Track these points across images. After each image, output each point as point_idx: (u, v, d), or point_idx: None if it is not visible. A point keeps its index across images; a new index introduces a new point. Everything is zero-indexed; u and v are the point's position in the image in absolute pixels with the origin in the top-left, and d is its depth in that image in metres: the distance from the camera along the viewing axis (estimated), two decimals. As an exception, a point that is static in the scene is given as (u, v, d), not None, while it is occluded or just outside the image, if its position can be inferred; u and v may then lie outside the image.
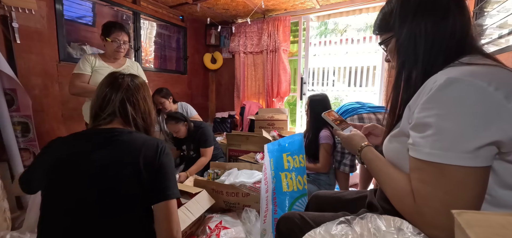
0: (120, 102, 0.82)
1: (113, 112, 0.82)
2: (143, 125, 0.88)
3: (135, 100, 0.85)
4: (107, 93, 0.83)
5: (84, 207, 0.70)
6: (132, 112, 0.84)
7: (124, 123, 0.83)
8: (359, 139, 0.80)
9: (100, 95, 0.83)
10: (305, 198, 1.31)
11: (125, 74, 0.88)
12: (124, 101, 0.83)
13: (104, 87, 0.84)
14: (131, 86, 0.86)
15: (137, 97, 0.86)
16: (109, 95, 0.82)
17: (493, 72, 0.49)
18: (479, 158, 0.46)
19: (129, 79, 0.88)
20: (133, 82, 0.88)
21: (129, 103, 0.83)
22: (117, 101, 0.82)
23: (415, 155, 0.53)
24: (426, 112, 0.51)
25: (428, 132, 0.50)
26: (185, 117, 2.15)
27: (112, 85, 0.84)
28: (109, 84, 0.84)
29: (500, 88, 0.45)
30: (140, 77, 0.92)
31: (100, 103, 0.83)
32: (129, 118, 0.83)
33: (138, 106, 0.86)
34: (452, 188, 0.47)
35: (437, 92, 0.49)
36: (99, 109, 0.83)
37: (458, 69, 0.52)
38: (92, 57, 1.72)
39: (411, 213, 0.54)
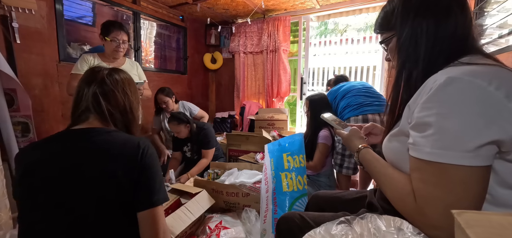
0: (93, 96, 0.74)
1: (86, 108, 0.74)
2: (123, 121, 0.79)
3: (110, 93, 0.76)
4: (81, 88, 0.75)
5: (59, 217, 0.63)
6: (108, 107, 0.75)
7: (101, 119, 0.75)
8: (356, 139, 0.80)
9: (76, 92, 0.76)
10: (305, 198, 1.31)
11: (103, 68, 0.80)
12: (97, 95, 0.74)
13: (80, 83, 0.77)
14: (107, 79, 0.77)
15: (114, 91, 0.77)
16: (82, 90, 0.75)
17: (493, 72, 0.49)
18: (480, 157, 0.45)
19: (107, 72, 0.79)
20: (111, 76, 0.79)
21: (103, 97, 0.74)
22: (89, 95, 0.74)
23: (415, 155, 0.53)
24: (426, 111, 0.51)
25: (429, 132, 0.50)
26: (188, 119, 2.14)
27: (87, 79, 0.76)
28: (84, 78, 0.77)
29: (501, 87, 0.46)
30: (125, 72, 0.85)
31: (75, 100, 0.76)
32: (105, 114, 0.74)
33: (116, 100, 0.77)
34: (453, 187, 0.47)
35: (437, 91, 0.49)
36: (75, 107, 0.75)
37: (459, 68, 0.52)
38: (90, 57, 1.71)
39: (412, 213, 0.53)
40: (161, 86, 2.59)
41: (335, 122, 0.95)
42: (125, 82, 0.81)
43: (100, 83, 0.76)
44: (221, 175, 1.91)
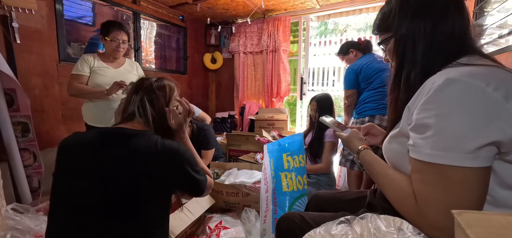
0: (140, 102, 0.81)
1: (132, 112, 0.81)
2: (164, 127, 0.84)
3: (156, 100, 0.83)
4: (131, 94, 0.84)
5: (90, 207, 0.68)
6: (152, 112, 0.81)
7: (144, 123, 0.81)
8: (356, 141, 0.80)
9: (125, 100, 0.85)
10: (305, 198, 1.31)
11: (151, 78, 0.89)
12: (144, 101, 0.81)
13: (131, 89, 0.86)
14: (154, 85, 0.85)
15: (158, 97, 0.84)
16: (131, 95, 0.83)
17: (491, 73, 0.49)
18: (480, 158, 0.46)
19: (154, 79, 0.87)
20: (158, 82, 0.87)
21: (149, 103, 0.81)
22: (137, 100, 0.81)
23: (415, 156, 0.53)
24: (425, 113, 0.51)
25: (428, 133, 0.50)
26: (190, 120, 2.13)
27: (136, 87, 0.85)
28: (134, 86, 0.86)
29: (499, 88, 0.46)
30: (170, 80, 0.92)
31: (124, 104, 0.84)
32: (149, 118, 0.80)
33: (158, 105, 0.83)
34: (454, 188, 0.47)
35: (436, 93, 0.50)
36: (123, 110, 0.83)
37: (457, 70, 0.52)
38: (90, 58, 1.71)
39: (412, 214, 0.54)
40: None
41: (335, 124, 0.96)
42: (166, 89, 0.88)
43: (147, 90, 0.84)
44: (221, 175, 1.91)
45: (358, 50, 2.04)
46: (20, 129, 1.82)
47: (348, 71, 1.96)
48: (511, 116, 0.45)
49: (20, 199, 1.77)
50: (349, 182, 2.01)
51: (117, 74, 1.74)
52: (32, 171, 1.88)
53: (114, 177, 0.69)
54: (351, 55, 2.06)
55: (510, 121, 0.45)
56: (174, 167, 0.73)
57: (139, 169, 0.70)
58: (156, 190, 0.72)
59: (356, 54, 2.04)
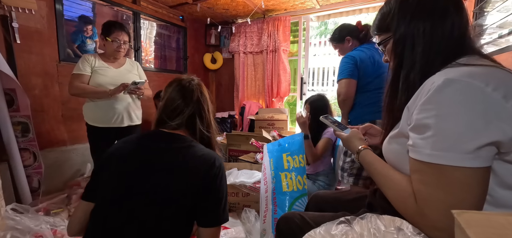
0: (190, 116, 0.83)
1: (181, 123, 0.82)
2: (207, 136, 0.87)
3: (203, 113, 0.85)
4: (179, 105, 0.83)
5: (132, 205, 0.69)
6: (200, 126, 0.84)
7: (190, 133, 0.83)
8: (356, 141, 0.80)
9: (170, 105, 0.83)
10: (305, 198, 1.31)
11: (193, 83, 0.87)
12: (194, 116, 0.83)
13: (175, 96, 0.84)
14: (201, 99, 0.86)
15: (206, 110, 0.86)
16: (180, 107, 0.82)
17: (491, 73, 0.49)
18: (480, 159, 0.46)
19: (199, 91, 0.87)
20: (202, 94, 0.87)
21: (199, 117, 0.84)
22: (186, 114, 0.82)
23: (415, 157, 0.53)
24: (425, 113, 0.51)
25: (428, 133, 0.50)
26: None
27: (184, 97, 0.84)
28: (180, 95, 0.84)
29: (498, 88, 0.46)
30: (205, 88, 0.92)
31: (169, 113, 0.83)
32: (196, 131, 0.83)
33: (205, 119, 0.86)
34: (454, 189, 0.47)
35: (436, 93, 0.50)
36: (166, 118, 0.82)
37: (456, 70, 0.52)
38: (91, 57, 1.71)
39: (412, 214, 0.54)
40: (158, 90, 2.66)
41: (334, 124, 0.96)
42: (208, 100, 0.90)
43: (196, 104, 0.84)
44: (221, 175, 1.90)
45: (355, 39, 1.69)
46: (20, 129, 1.83)
47: (345, 59, 1.59)
48: (510, 116, 0.45)
49: (20, 199, 1.77)
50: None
51: (118, 74, 1.75)
52: (32, 171, 1.88)
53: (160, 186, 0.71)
54: (346, 45, 1.71)
55: (510, 120, 0.45)
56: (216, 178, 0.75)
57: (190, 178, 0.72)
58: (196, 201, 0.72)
59: (352, 43, 1.69)
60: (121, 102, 1.75)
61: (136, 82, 1.68)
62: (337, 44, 1.76)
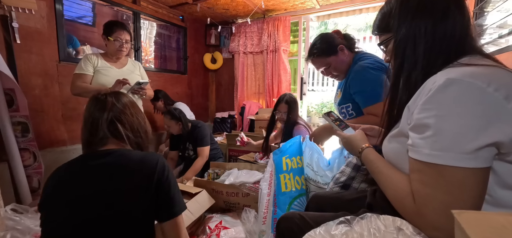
0: (109, 123, 0.78)
1: (104, 135, 0.78)
2: (138, 141, 0.84)
3: (123, 118, 0.81)
4: (94, 117, 0.78)
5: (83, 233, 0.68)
6: (125, 131, 0.80)
7: (118, 142, 0.80)
8: (360, 140, 0.80)
9: (87, 122, 0.79)
10: (304, 197, 1.32)
11: (107, 94, 0.84)
12: (113, 121, 0.79)
13: (89, 112, 0.80)
14: (117, 105, 0.82)
15: (125, 114, 0.82)
16: (95, 119, 0.78)
17: (492, 73, 0.48)
18: (479, 159, 0.45)
19: (113, 98, 0.83)
20: (119, 100, 0.83)
21: (119, 122, 0.80)
22: (104, 123, 0.78)
23: (414, 156, 0.53)
24: (425, 113, 0.51)
25: (428, 133, 0.50)
26: (180, 118, 2.16)
27: (96, 108, 0.80)
28: (93, 107, 0.80)
29: (500, 89, 0.45)
30: (126, 95, 0.89)
31: (89, 130, 0.78)
32: (123, 136, 0.80)
33: (128, 123, 0.82)
34: (452, 189, 0.47)
35: (437, 93, 0.49)
36: (89, 136, 0.78)
37: (458, 70, 0.51)
38: (94, 57, 1.71)
39: (411, 214, 0.54)
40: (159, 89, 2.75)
41: (336, 123, 0.93)
42: (132, 106, 0.86)
43: (113, 110, 0.80)
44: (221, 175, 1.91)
45: (347, 48, 1.34)
46: (20, 129, 1.82)
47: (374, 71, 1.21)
48: (511, 117, 0.44)
49: (20, 199, 1.77)
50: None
51: (120, 74, 1.75)
52: (32, 171, 1.88)
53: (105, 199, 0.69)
54: (341, 56, 1.32)
55: (511, 121, 0.44)
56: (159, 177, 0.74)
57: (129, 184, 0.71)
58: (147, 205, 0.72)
59: (348, 53, 1.34)
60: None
61: (140, 82, 1.68)
62: (327, 57, 1.32)
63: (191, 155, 2.28)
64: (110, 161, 0.74)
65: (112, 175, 0.72)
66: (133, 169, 0.73)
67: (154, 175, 0.73)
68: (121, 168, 0.73)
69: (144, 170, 0.73)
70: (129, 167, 0.73)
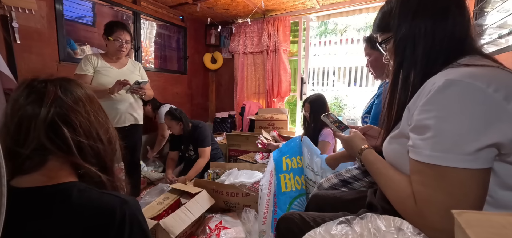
0: (49, 125, 0.49)
1: (40, 146, 0.48)
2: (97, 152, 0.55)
3: (74, 117, 0.52)
4: (23, 115, 0.48)
5: None
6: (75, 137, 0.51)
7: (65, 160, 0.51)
8: (359, 141, 0.79)
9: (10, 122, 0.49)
10: (303, 197, 1.32)
11: (47, 80, 0.55)
12: (55, 122, 0.49)
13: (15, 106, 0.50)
14: (63, 97, 0.52)
15: (77, 113, 0.53)
16: (26, 118, 0.48)
17: (492, 74, 0.48)
18: (480, 160, 0.45)
19: (57, 87, 0.53)
20: (66, 91, 0.53)
21: (65, 125, 0.50)
22: (41, 125, 0.48)
23: (415, 157, 0.52)
24: (425, 114, 0.51)
25: (428, 134, 0.50)
26: (181, 118, 2.17)
27: (28, 100, 0.50)
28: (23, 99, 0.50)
29: (500, 89, 0.45)
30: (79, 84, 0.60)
31: (13, 135, 0.48)
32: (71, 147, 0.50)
33: (83, 126, 0.53)
34: (453, 190, 0.47)
35: (436, 94, 0.49)
36: (14, 145, 0.48)
37: (457, 70, 0.51)
38: (94, 57, 1.72)
39: (412, 215, 0.53)
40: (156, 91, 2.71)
41: (335, 124, 0.94)
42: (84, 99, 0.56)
43: (56, 104, 0.50)
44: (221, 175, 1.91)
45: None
46: (20, 129, 1.82)
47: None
48: (511, 118, 0.44)
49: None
50: None
51: (121, 74, 1.75)
52: (32, 171, 1.87)
53: None
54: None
55: (510, 122, 0.44)
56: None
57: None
58: None
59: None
60: (123, 103, 1.75)
61: (139, 82, 1.68)
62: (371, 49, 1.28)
63: (191, 155, 2.29)
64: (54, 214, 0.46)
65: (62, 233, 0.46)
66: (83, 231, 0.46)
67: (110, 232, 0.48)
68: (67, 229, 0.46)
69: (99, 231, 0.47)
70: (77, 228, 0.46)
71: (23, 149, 0.48)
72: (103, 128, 0.58)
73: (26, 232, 0.45)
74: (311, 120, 1.95)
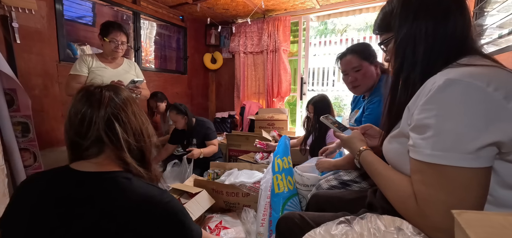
0: (106, 123, 0.60)
1: (98, 138, 0.60)
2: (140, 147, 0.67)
3: (124, 117, 0.63)
4: (84, 113, 0.60)
5: None
6: (123, 134, 0.62)
7: (116, 152, 0.62)
8: (358, 141, 0.80)
9: (74, 119, 0.60)
10: (296, 198, 1.33)
11: (101, 87, 0.66)
12: (111, 121, 0.61)
13: (77, 107, 0.61)
14: (116, 99, 0.64)
15: (127, 113, 0.64)
16: (88, 115, 0.60)
17: (492, 73, 0.49)
18: (481, 159, 0.46)
19: (110, 91, 0.65)
20: (117, 95, 0.65)
21: (118, 122, 0.62)
22: (100, 122, 0.60)
23: (416, 157, 0.52)
24: (425, 113, 0.51)
25: (429, 133, 0.50)
26: (186, 112, 2.21)
27: (88, 102, 0.61)
28: (83, 101, 0.61)
29: (500, 89, 0.46)
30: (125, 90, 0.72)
31: (76, 129, 0.60)
32: (120, 142, 0.61)
33: (130, 124, 0.64)
34: (454, 189, 0.47)
35: (437, 93, 0.50)
36: (77, 137, 0.60)
37: (457, 70, 0.52)
38: (89, 58, 1.72)
39: (413, 215, 0.53)
40: (156, 89, 2.75)
41: (334, 125, 0.95)
42: (133, 102, 0.69)
43: (110, 105, 0.62)
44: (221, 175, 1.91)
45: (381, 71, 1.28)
46: (20, 129, 1.82)
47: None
48: (511, 117, 0.45)
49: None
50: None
51: (115, 75, 1.75)
52: (32, 171, 1.87)
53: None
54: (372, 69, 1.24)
55: (511, 121, 0.45)
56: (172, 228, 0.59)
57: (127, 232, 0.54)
58: None
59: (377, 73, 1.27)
60: None
61: (134, 81, 1.68)
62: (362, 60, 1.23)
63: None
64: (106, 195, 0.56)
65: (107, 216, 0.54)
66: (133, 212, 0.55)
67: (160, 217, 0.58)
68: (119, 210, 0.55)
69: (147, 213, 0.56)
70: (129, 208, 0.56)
71: (84, 140, 0.60)
72: (144, 125, 0.69)
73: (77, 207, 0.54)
74: (315, 121, 1.94)
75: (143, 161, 0.68)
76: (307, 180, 1.39)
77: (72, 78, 1.66)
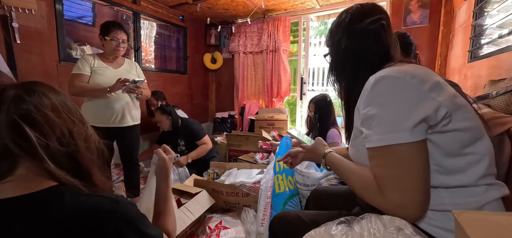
0: (11, 128, 0.45)
1: (4, 149, 0.45)
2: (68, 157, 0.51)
3: (39, 117, 0.48)
4: None
5: None
6: (40, 139, 0.46)
7: (36, 162, 0.47)
8: (321, 147, 0.89)
9: None
10: (296, 197, 1.34)
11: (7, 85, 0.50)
12: (18, 124, 0.45)
13: None
14: (26, 97, 0.48)
15: (44, 112, 0.49)
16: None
17: (409, 68, 0.60)
18: (416, 133, 0.54)
19: (19, 89, 0.49)
20: (30, 92, 0.49)
21: (29, 124, 0.46)
22: (2, 126, 0.45)
23: (369, 145, 0.61)
24: (368, 107, 0.61)
25: (374, 123, 0.59)
26: (170, 113, 2.22)
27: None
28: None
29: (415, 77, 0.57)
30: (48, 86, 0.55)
31: None
32: (37, 149, 0.46)
33: (50, 126, 0.48)
34: (402, 163, 0.55)
35: (372, 89, 0.61)
36: None
37: (384, 70, 0.63)
38: (90, 57, 1.72)
39: (377, 198, 0.59)
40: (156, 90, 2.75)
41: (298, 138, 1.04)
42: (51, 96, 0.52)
43: (15, 105, 0.47)
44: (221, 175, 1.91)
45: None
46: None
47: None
48: (428, 97, 0.55)
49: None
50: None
51: (117, 74, 1.75)
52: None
53: None
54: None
55: (430, 101, 0.55)
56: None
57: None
58: None
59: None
60: (119, 102, 1.75)
61: (135, 80, 1.68)
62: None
63: (183, 151, 2.32)
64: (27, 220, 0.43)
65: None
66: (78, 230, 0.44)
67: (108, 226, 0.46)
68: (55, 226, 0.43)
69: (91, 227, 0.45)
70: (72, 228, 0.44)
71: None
72: (76, 126, 0.54)
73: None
74: (316, 121, 1.95)
75: (79, 170, 0.53)
76: (308, 179, 1.40)
77: (75, 77, 1.66)
